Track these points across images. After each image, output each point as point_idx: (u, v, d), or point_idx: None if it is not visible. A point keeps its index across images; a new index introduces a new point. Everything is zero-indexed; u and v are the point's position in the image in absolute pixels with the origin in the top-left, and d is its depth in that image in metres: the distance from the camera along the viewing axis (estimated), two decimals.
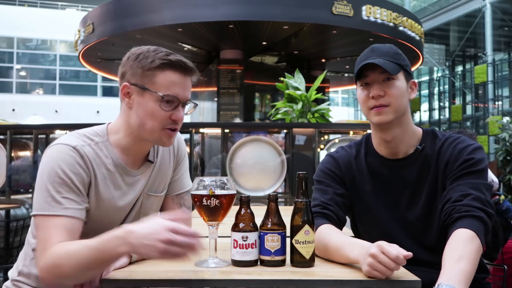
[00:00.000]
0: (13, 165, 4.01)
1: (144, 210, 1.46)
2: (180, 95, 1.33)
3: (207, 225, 1.25)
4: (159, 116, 1.32)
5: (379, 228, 1.51)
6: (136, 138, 1.37)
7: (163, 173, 1.49)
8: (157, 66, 1.30)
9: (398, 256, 1.09)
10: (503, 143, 6.90)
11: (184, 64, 1.33)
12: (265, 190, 3.51)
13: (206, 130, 4.02)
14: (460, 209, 1.32)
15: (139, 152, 1.41)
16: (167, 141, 1.37)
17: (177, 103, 1.33)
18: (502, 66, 15.45)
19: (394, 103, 1.43)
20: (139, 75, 1.32)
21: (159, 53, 1.32)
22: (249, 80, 10.49)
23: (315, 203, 1.47)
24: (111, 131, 1.40)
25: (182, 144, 1.57)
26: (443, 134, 1.53)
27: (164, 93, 1.30)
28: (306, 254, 1.19)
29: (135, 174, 1.41)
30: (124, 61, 1.36)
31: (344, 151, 1.60)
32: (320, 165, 1.60)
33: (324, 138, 4.40)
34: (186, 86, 1.35)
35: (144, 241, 1.07)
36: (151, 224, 1.10)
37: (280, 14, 8.09)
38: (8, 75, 22.31)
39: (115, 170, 1.36)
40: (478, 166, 1.41)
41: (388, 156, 1.52)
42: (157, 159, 1.47)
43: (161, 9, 8.23)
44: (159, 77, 1.31)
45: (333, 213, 1.45)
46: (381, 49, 1.48)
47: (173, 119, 1.33)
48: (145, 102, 1.32)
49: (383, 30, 8.83)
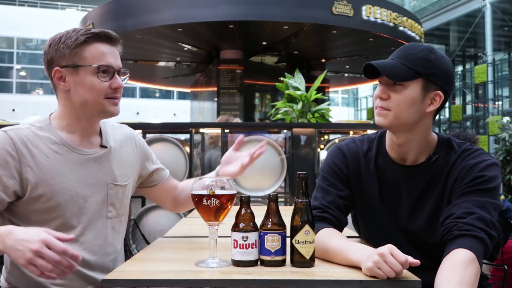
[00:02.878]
0: None
1: (111, 200, 1.46)
2: (113, 63, 1.38)
3: (207, 225, 1.25)
4: (98, 87, 1.35)
5: (381, 231, 1.49)
6: (80, 118, 1.41)
7: (124, 164, 1.51)
8: (83, 41, 1.35)
9: (407, 260, 1.08)
10: (503, 143, 6.89)
11: (108, 33, 1.38)
12: (265, 190, 3.51)
13: (206, 130, 4.02)
14: (462, 226, 1.25)
15: (84, 130, 1.43)
16: (114, 109, 1.40)
17: (112, 71, 1.37)
18: (502, 66, 15.45)
19: (394, 110, 1.35)
20: (67, 56, 1.35)
21: (80, 31, 1.37)
22: (249, 80, 10.49)
23: (316, 204, 1.43)
24: (53, 117, 1.43)
25: (140, 138, 1.63)
26: (459, 145, 1.43)
27: (98, 64, 1.34)
28: (306, 254, 1.19)
29: (86, 153, 1.42)
30: (46, 49, 1.39)
31: (354, 145, 1.53)
32: (328, 157, 1.54)
33: (324, 138, 4.40)
34: (116, 55, 1.40)
35: (17, 245, 1.11)
36: (30, 232, 1.13)
37: (280, 14, 8.10)
38: (8, 75, 22.32)
39: (61, 147, 1.38)
40: (489, 184, 1.33)
41: (398, 160, 1.45)
42: (110, 145, 1.48)
43: (161, 9, 8.24)
44: (88, 51, 1.35)
45: (333, 217, 1.42)
46: (407, 50, 1.37)
47: (114, 87, 1.38)
48: (82, 78, 1.35)
49: (383, 30, 8.84)
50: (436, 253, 1.38)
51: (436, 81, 1.35)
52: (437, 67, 1.35)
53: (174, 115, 22.57)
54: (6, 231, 1.14)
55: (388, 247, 1.11)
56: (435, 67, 1.35)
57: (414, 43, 1.41)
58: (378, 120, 1.39)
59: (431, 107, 1.37)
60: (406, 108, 1.34)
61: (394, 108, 1.35)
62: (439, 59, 1.36)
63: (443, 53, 1.40)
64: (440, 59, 1.36)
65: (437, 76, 1.35)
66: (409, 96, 1.34)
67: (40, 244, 1.09)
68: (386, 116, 1.37)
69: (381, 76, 1.38)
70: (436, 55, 1.36)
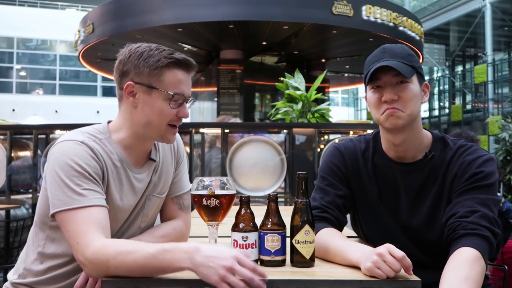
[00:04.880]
0: (13, 165, 4.01)
1: (146, 211, 1.45)
2: (186, 92, 1.35)
3: (207, 225, 1.25)
4: (167, 114, 1.33)
5: (381, 229, 1.49)
6: (139, 137, 1.37)
7: (166, 174, 1.48)
8: (164, 65, 1.31)
9: (404, 256, 1.09)
10: (503, 143, 6.90)
11: (188, 62, 1.35)
12: (265, 190, 3.51)
13: (206, 130, 4.02)
14: (467, 226, 1.27)
15: (141, 151, 1.41)
16: (172, 138, 1.38)
17: (183, 100, 1.35)
18: (502, 66, 15.45)
19: (408, 108, 1.36)
20: (145, 74, 1.31)
21: (163, 52, 1.33)
22: (249, 80, 10.49)
23: (315, 204, 1.44)
24: (113, 129, 1.39)
25: (181, 144, 1.57)
26: (454, 142, 1.46)
27: (173, 91, 1.32)
28: (306, 254, 1.19)
29: (138, 172, 1.40)
30: (124, 59, 1.34)
31: (352, 144, 1.54)
32: (326, 157, 1.55)
33: (324, 138, 4.40)
34: (189, 83, 1.38)
35: (209, 262, 1.06)
36: (219, 249, 1.09)
37: (280, 14, 8.09)
38: (8, 75, 22.31)
39: (120, 166, 1.36)
40: (488, 180, 1.35)
41: (395, 158, 1.47)
42: (159, 159, 1.47)
43: (161, 9, 8.24)
44: (167, 76, 1.32)
45: (332, 217, 1.43)
46: (393, 50, 1.40)
47: (180, 116, 1.36)
48: (153, 100, 1.32)
49: (383, 30, 8.83)
50: (436, 250, 1.39)
51: (422, 73, 1.44)
52: (418, 61, 1.43)
53: None
54: (193, 248, 1.09)
55: (386, 247, 1.11)
56: (417, 61, 1.43)
57: (390, 44, 1.45)
58: (393, 122, 1.38)
59: (425, 98, 1.44)
60: (415, 103, 1.39)
61: (407, 106, 1.37)
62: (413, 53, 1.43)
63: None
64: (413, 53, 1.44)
65: (421, 68, 1.43)
66: (415, 90, 1.39)
67: (233, 261, 1.06)
68: (401, 117, 1.37)
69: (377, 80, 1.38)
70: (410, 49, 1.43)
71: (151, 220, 1.50)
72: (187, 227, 1.50)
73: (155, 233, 1.42)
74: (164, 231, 1.44)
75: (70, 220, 1.21)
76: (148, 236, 1.40)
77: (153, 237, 1.38)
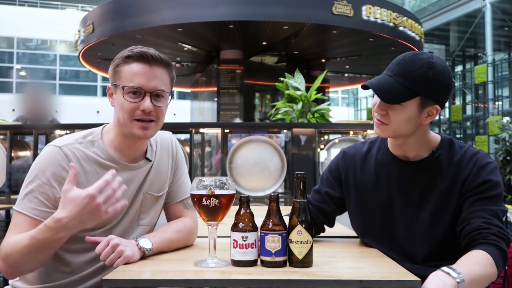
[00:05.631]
0: (13, 165, 4.01)
1: (144, 209, 1.49)
2: (145, 85, 1.35)
3: (206, 225, 1.25)
4: (126, 108, 1.36)
5: (383, 225, 1.50)
6: (123, 135, 1.41)
7: (161, 174, 1.52)
8: (122, 61, 1.37)
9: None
10: (503, 143, 6.90)
11: (145, 54, 1.36)
12: (265, 190, 3.51)
13: (206, 130, 4.02)
14: (487, 236, 1.32)
15: (133, 150, 1.44)
16: (140, 133, 1.38)
17: (142, 93, 1.36)
18: (502, 66, 15.45)
19: (392, 125, 1.39)
20: (112, 74, 1.40)
21: (128, 49, 1.38)
22: (249, 80, 10.49)
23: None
24: (105, 131, 1.45)
25: (179, 147, 1.60)
26: (461, 145, 1.47)
27: (128, 84, 1.35)
28: (298, 254, 1.18)
29: (132, 168, 1.43)
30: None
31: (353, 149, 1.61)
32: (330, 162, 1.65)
33: (324, 138, 4.40)
34: (152, 76, 1.36)
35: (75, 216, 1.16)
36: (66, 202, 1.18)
37: (280, 14, 8.10)
38: (8, 75, 22.30)
39: (109, 166, 1.39)
40: (496, 191, 1.39)
41: (400, 157, 1.50)
42: (155, 158, 1.50)
43: (161, 9, 8.24)
44: (124, 71, 1.37)
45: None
46: (406, 67, 1.34)
47: (141, 109, 1.36)
48: (118, 97, 1.39)
49: (383, 30, 8.84)
50: (439, 246, 1.40)
51: (433, 97, 1.36)
52: (435, 84, 1.34)
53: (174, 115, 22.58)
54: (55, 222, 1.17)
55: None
56: (434, 84, 1.33)
57: (414, 56, 1.36)
58: (377, 132, 1.44)
59: (428, 119, 1.40)
60: (404, 124, 1.38)
61: (392, 123, 1.38)
62: (438, 74, 1.33)
63: (442, 63, 1.36)
64: (438, 74, 1.33)
65: (434, 91, 1.35)
66: (406, 114, 1.36)
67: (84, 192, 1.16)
68: (384, 130, 1.42)
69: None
70: (435, 70, 1.33)
71: (152, 218, 1.53)
72: (195, 224, 1.54)
73: (169, 229, 1.46)
74: (176, 227, 1.48)
75: (12, 218, 1.33)
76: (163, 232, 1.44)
77: (167, 232, 1.43)
